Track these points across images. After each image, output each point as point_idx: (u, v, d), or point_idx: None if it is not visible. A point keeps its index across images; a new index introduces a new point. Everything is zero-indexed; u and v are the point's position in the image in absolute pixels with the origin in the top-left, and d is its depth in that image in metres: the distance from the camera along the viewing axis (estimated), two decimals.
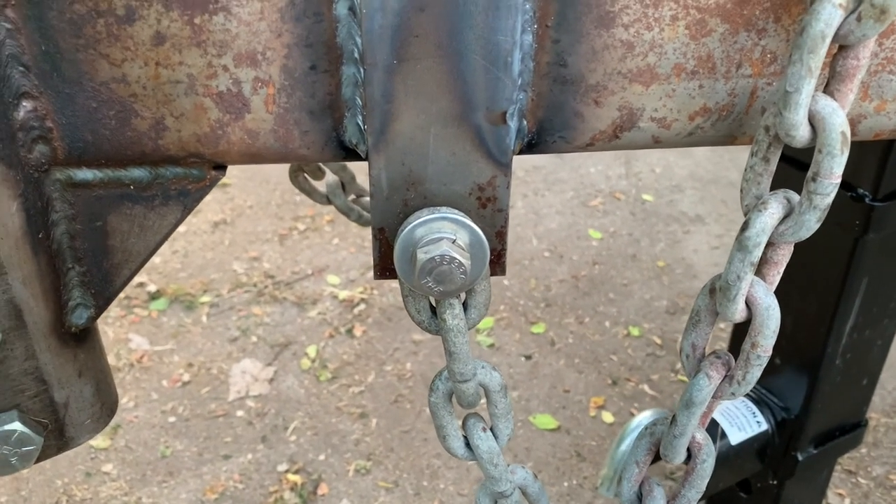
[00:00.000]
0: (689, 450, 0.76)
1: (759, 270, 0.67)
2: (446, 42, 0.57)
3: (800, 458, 1.50)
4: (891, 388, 2.50)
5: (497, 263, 0.68)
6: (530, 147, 0.66)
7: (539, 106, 0.63)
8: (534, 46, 0.60)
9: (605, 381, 2.60)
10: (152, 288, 3.07)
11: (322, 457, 2.25)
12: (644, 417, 1.60)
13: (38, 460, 0.71)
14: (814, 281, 1.35)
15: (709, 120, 0.65)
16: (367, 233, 3.35)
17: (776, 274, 0.67)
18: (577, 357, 2.73)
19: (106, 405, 0.76)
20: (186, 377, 2.55)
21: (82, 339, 0.71)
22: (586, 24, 0.60)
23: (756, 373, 0.68)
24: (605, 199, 3.76)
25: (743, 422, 1.48)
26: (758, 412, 1.51)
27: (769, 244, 0.65)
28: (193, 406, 2.45)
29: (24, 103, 0.59)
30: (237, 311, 2.90)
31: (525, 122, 0.63)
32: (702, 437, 0.75)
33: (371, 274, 3.15)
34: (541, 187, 3.88)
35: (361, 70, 0.59)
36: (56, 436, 0.72)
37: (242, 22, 0.58)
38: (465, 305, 0.68)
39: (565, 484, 2.18)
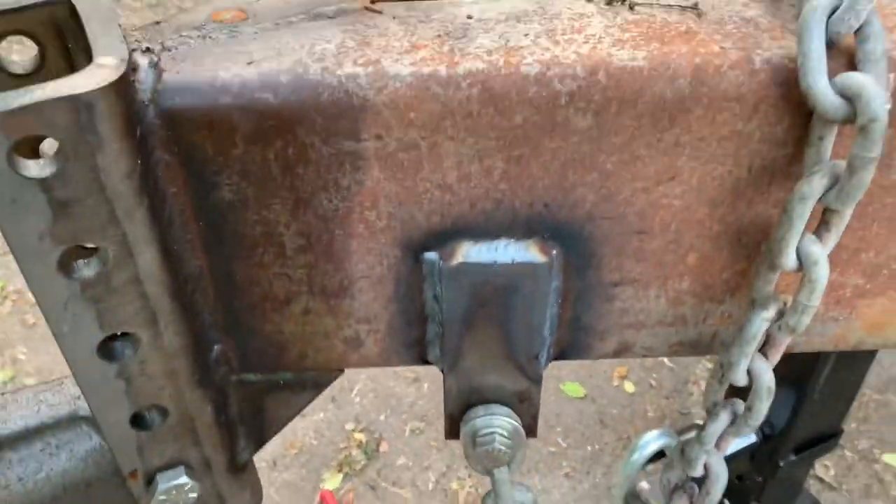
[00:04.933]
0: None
1: None
2: (500, 321, 0.84)
3: (781, 464, 1.82)
4: (887, 365, 2.76)
5: (531, 432, 0.98)
6: (553, 360, 0.93)
7: (561, 341, 0.90)
8: (559, 313, 0.87)
9: None
10: None
11: (382, 417, 2.64)
12: (650, 436, 1.92)
13: None
14: None
15: (682, 348, 0.92)
16: None
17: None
18: None
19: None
20: None
21: (245, 466, 1.03)
22: (596, 302, 0.86)
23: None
24: None
25: None
26: None
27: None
28: None
29: (215, 347, 0.88)
30: None
31: (551, 352, 0.91)
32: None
33: None
34: None
35: (441, 328, 0.87)
36: None
37: (362, 303, 0.85)
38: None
39: (588, 448, 2.54)
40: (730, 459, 1.94)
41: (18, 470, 0.90)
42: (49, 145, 0.66)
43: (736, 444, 1.81)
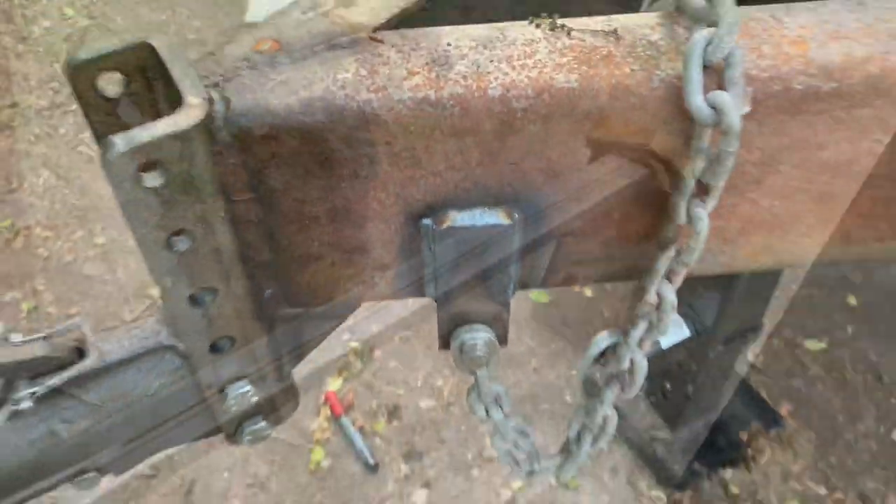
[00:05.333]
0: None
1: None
2: (478, 267, 1.15)
3: (711, 354, 2.19)
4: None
5: (503, 341, 1.30)
6: (518, 290, 1.25)
7: (523, 277, 1.21)
8: (521, 258, 1.17)
9: None
10: None
11: (375, 328, 2.97)
12: (602, 335, 2.25)
13: None
14: None
15: (613, 277, 1.24)
16: None
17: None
18: None
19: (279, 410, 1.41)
20: None
21: (288, 376, 1.34)
22: (547, 249, 1.17)
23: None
24: None
25: (671, 332, 2.14)
26: (683, 324, 2.17)
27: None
28: None
29: (267, 291, 1.18)
30: None
31: (516, 285, 1.22)
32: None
33: None
34: None
35: (435, 272, 1.17)
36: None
37: (375, 257, 1.15)
38: None
39: (552, 346, 2.91)
40: (669, 352, 2.32)
41: (123, 388, 1.21)
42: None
43: (672, 339, 2.18)
